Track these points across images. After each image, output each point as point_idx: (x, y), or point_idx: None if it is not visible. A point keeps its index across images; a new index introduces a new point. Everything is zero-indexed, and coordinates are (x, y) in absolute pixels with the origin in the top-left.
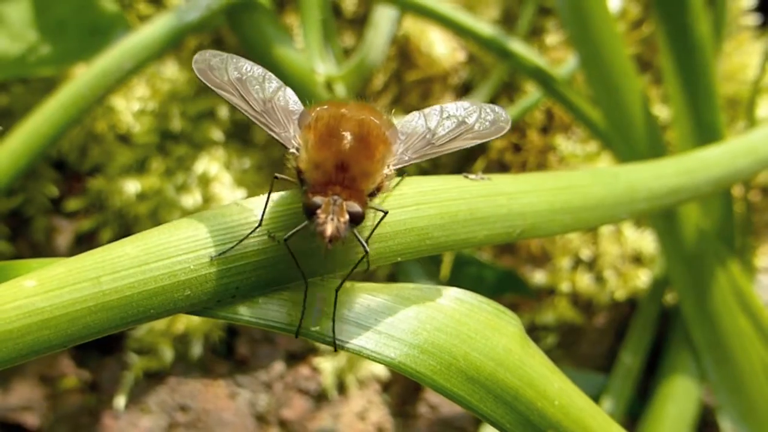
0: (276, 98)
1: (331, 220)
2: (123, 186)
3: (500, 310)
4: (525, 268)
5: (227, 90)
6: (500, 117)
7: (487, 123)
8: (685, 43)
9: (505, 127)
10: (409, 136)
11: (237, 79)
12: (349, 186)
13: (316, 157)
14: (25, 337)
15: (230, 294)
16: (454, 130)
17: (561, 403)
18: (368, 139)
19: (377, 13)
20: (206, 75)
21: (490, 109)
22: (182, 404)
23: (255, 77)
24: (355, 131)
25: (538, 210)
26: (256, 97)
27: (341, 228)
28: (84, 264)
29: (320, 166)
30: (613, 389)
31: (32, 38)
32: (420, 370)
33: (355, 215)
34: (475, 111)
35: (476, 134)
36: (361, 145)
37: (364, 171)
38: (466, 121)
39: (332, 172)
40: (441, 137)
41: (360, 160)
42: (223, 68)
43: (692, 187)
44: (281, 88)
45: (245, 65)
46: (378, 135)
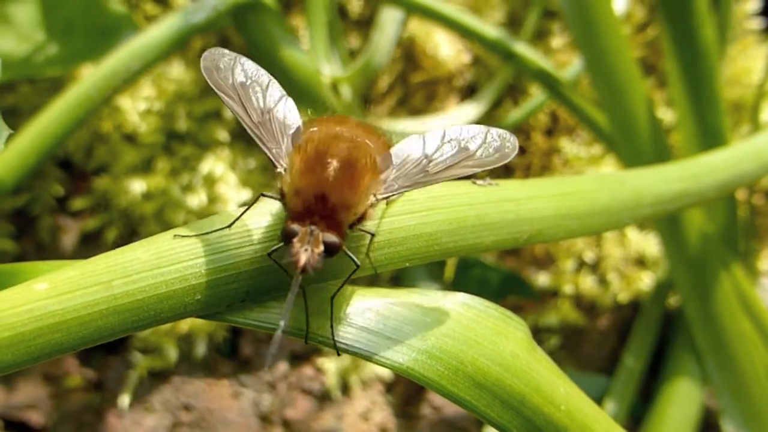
0: (276, 109)
1: (305, 250)
2: (128, 186)
3: (507, 315)
4: (529, 271)
5: (228, 94)
6: (506, 144)
7: (491, 150)
8: (690, 47)
9: (510, 154)
10: (404, 161)
11: (240, 84)
12: (328, 216)
13: (298, 184)
14: (36, 340)
15: (240, 298)
16: (454, 156)
17: (567, 408)
18: (354, 168)
19: (383, 15)
20: (211, 75)
21: (498, 134)
22: (186, 403)
23: (259, 83)
24: (342, 158)
25: (545, 215)
26: (255, 106)
27: (314, 259)
28: (96, 267)
29: (301, 193)
30: (616, 391)
31: (39, 38)
32: (427, 375)
33: (330, 246)
34: (480, 135)
35: (477, 162)
36: (345, 175)
37: (345, 203)
38: (468, 147)
39: (312, 200)
40: (437, 164)
41: (342, 191)
42: (229, 70)
43: (697, 191)
44: (283, 98)
45: (252, 69)
46: (366, 163)
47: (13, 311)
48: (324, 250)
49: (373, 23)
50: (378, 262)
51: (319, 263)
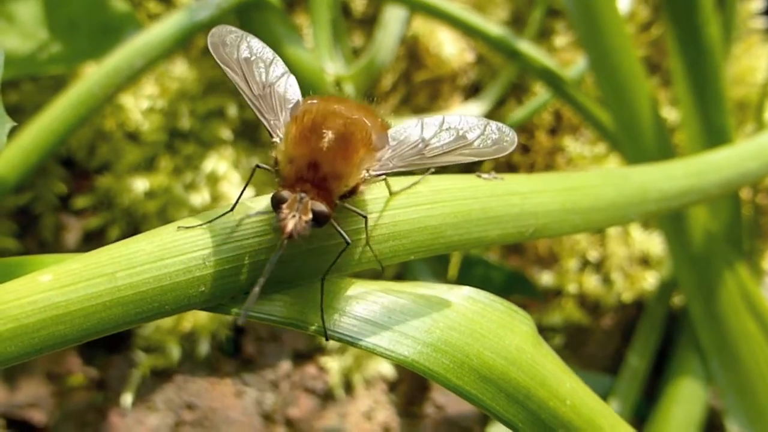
0: (277, 84)
1: (293, 216)
2: (131, 184)
3: (512, 309)
4: (532, 269)
5: (232, 68)
6: (505, 137)
7: (489, 141)
8: (695, 46)
9: (508, 147)
10: (401, 143)
11: (245, 59)
12: (318, 185)
13: (292, 152)
14: (40, 332)
15: (244, 290)
16: (451, 143)
17: (572, 403)
18: (349, 141)
19: (387, 14)
20: (217, 50)
21: (497, 127)
22: (189, 402)
23: (263, 59)
24: (337, 130)
25: (550, 210)
26: (257, 80)
27: (302, 226)
28: (99, 260)
29: (294, 161)
30: (620, 391)
31: (43, 37)
32: (433, 368)
33: (318, 215)
34: (479, 127)
35: (474, 151)
36: (339, 146)
37: (337, 172)
38: (466, 136)
39: (304, 168)
40: (434, 148)
41: (334, 161)
42: (235, 46)
43: (701, 189)
44: (285, 74)
45: (257, 45)
46: (361, 138)
47: (17, 303)
48: (312, 219)
49: (377, 21)
50: (382, 254)
51: (306, 230)
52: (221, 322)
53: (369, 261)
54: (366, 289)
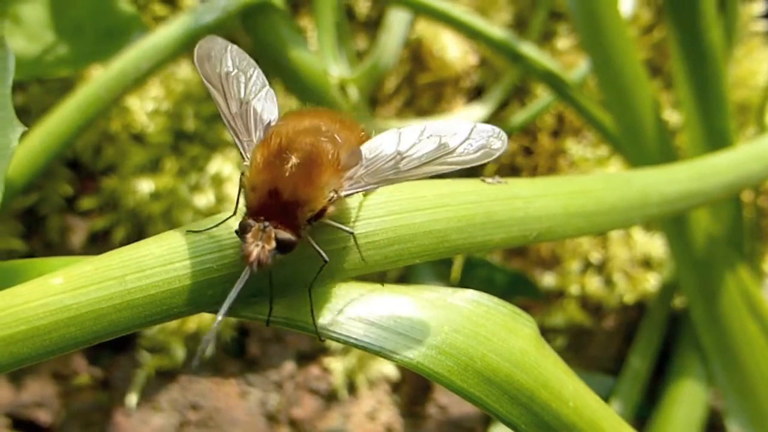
0: (255, 100)
1: (256, 246)
2: (136, 185)
3: (516, 312)
4: (535, 271)
5: (214, 84)
6: (492, 142)
7: (474, 146)
8: (696, 49)
9: (494, 153)
10: (376, 157)
11: (226, 74)
12: (282, 213)
13: (254, 180)
14: (51, 334)
15: (251, 293)
16: (431, 153)
17: (575, 405)
18: (314, 164)
19: (390, 17)
20: (202, 65)
21: (485, 130)
22: (193, 403)
23: (244, 72)
24: (302, 154)
25: (554, 213)
26: (235, 97)
27: (264, 255)
28: (110, 263)
29: (256, 189)
30: (622, 392)
31: (49, 39)
32: (437, 370)
33: (282, 243)
34: (464, 132)
35: (457, 159)
36: (302, 171)
37: (299, 199)
38: (448, 143)
39: (266, 196)
40: (411, 160)
41: (297, 187)
42: (218, 59)
43: (703, 192)
44: (264, 89)
45: (239, 58)
46: (328, 159)
47: (28, 305)
48: (276, 247)
49: (381, 24)
50: (387, 258)
51: (270, 259)
52: (226, 323)
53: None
54: (371, 292)
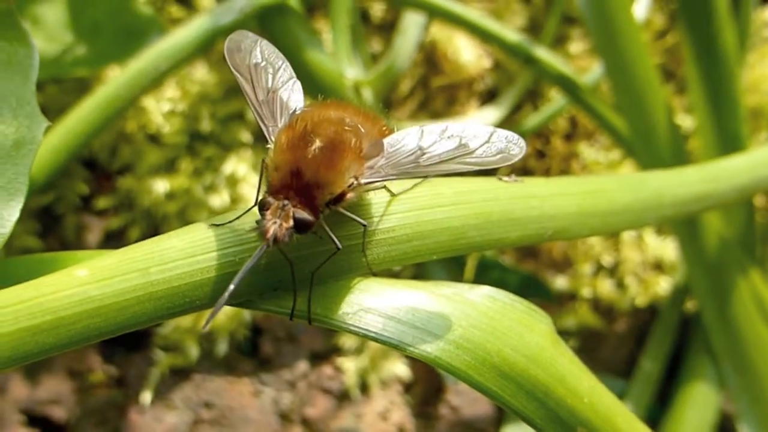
0: (282, 90)
1: (274, 223)
2: (152, 185)
3: (531, 308)
4: (547, 273)
5: (242, 73)
6: (511, 147)
7: (494, 150)
8: (710, 54)
9: (513, 157)
10: (397, 150)
11: (255, 65)
12: (302, 193)
13: (278, 159)
14: (76, 324)
15: (273, 287)
16: (451, 151)
17: (590, 401)
18: (336, 149)
19: (405, 20)
20: (231, 55)
21: (505, 136)
22: (207, 401)
23: (272, 65)
24: (325, 138)
25: (569, 213)
26: (263, 86)
27: (282, 233)
28: (134, 255)
29: (279, 168)
30: (633, 394)
31: (68, 39)
32: (455, 365)
33: (300, 222)
34: (485, 135)
35: (477, 160)
36: (324, 154)
37: (320, 180)
38: (468, 144)
39: (288, 176)
40: (431, 157)
41: (318, 169)
42: (248, 51)
43: (716, 195)
44: (291, 80)
45: (268, 51)
46: (350, 146)
47: (55, 296)
48: (294, 226)
49: (396, 27)
50: (406, 254)
51: (287, 237)
52: (239, 322)
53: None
54: (390, 287)
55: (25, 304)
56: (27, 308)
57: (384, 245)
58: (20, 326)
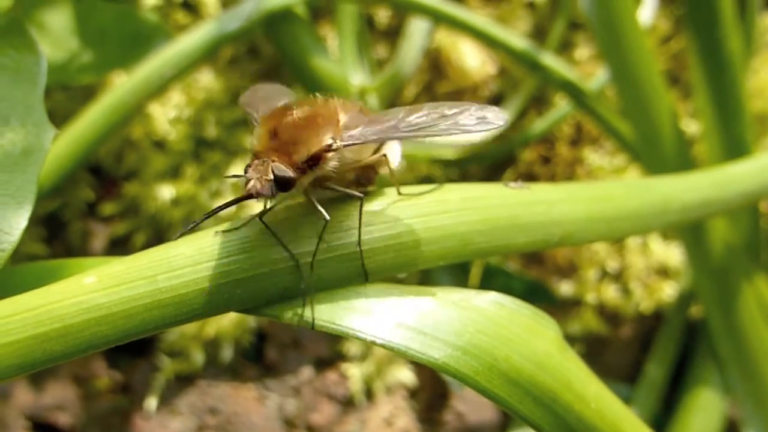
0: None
1: (255, 177)
2: (158, 191)
3: (539, 314)
4: (552, 279)
5: (252, 106)
6: (492, 116)
7: (473, 118)
8: (716, 59)
9: (493, 122)
10: (378, 122)
11: (263, 97)
12: (280, 151)
13: (259, 130)
14: (84, 332)
15: (279, 294)
16: (431, 120)
17: (597, 407)
18: (309, 114)
19: (411, 26)
20: (245, 98)
21: (486, 108)
22: (212, 407)
23: (279, 95)
24: (302, 110)
25: (576, 218)
26: (266, 107)
27: (261, 184)
28: (141, 263)
29: (260, 136)
30: (638, 400)
31: (74, 46)
32: (462, 370)
33: (279, 176)
34: (465, 107)
35: (454, 124)
36: (299, 118)
37: (295, 137)
38: (446, 113)
39: (266, 138)
40: (410, 124)
41: (293, 128)
42: (257, 91)
43: (722, 200)
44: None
45: (279, 90)
46: (324, 113)
47: (63, 303)
48: (273, 179)
49: (401, 33)
50: (413, 260)
51: (268, 189)
52: (244, 328)
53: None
54: (396, 293)
55: (32, 312)
56: (35, 316)
57: (391, 251)
58: (28, 334)
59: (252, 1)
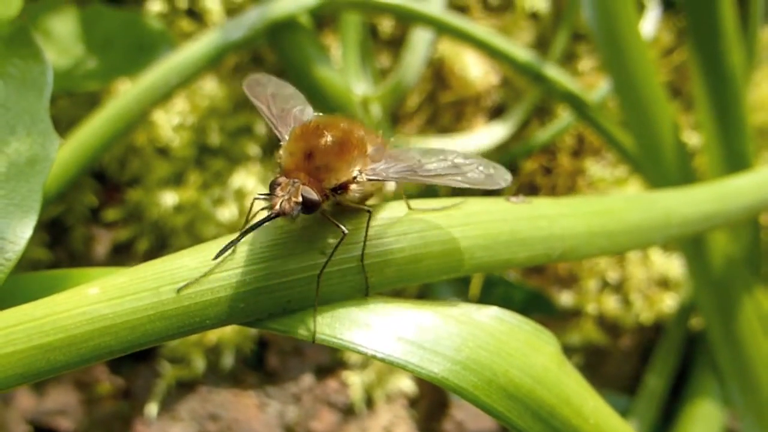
0: (295, 109)
1: (283, 197)
2: (160, 198)
3: (538, 329)
4: (552, 289)
5: (261, 100)
6: (500, 175)
7: (483, 175)
8: (718, 72)
9: (499, 182)
10: (396, 160)
11: (271, 94)
12: (312, 175)
13: (291, 147)
14: (88, 343)
15: (282, 307)
16: (444, 169)
17: (596, 422)
18: (344, 141)
19: (414, 36)
20: (251, 87)
21: (493, 166)
22: (213, 413)
23: (286, 94)
24: (335, 133)
25: (577, 233)
26: (278, 107)
27: (290, 206)
28: (145, 274)
29: (293, 154)
30: (638, 411)
31: (79, 53)
32: (462, 385)
33: (307, 200)
34: (477, 163)
35: (466, 179)
36: (333, 144)
37: (329, 165)
38: (460, 167)
39: (300, 159)
40: (427, 170)
41: (327, 155)
42: (265, 85)
43: (724, 213)
44: (303, 104)
45: (283, 86)
46: (356, 143)
47: (67, 314)
48: (301, 202)
49: (404, 43)
50: (416, 273)
51: (294, 211)
52: (246, 335)
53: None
54: (397, 307)
55: (37, 321)
56: (39, 326)
57: (394, 265)
58: (33, 344)
59: (256, 10)
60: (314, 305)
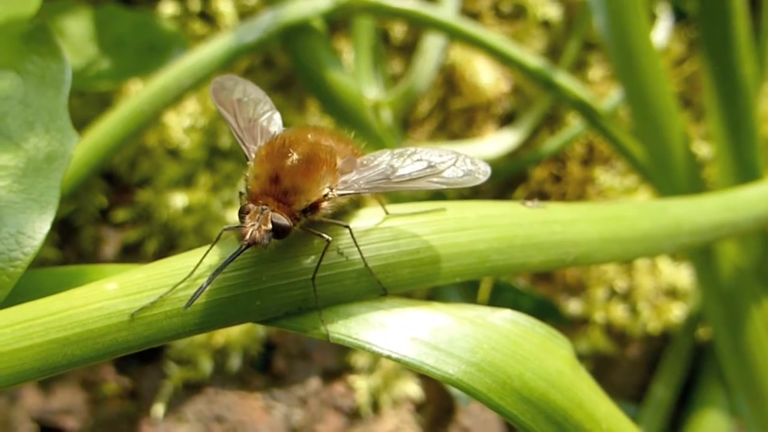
0: (262, 119)
1: (252, 226)
2: (170, 199)
3: (552, 333)
4: (560, 297)
5: (226, 108)
6: (478, 169)
7: (461, 172)
8: (729, 83)
9: (479, 178)
10: (369, 168)
11: (237, 100)
12: (280, 199)
13: (257, 169)
14: (104, 337)
15: (297, 306)
16: (419, 171)
17: (608, 427)
18: (311, 160)
19: (426, 42)
20: (216, 93)
21: (470, 160)
22: (219, 415)
23: (253, 100)
24: (301, 151)
25: (590, 239)
26: (245, 117)
27: (260, 235)
28: (162, 271)
29: (259, 177)
30: (644, 420)
31: (92, 53)
32: (476, 387)
33: (277, 226)
34: (451, 159)
35: (444, 180)
36: (302, 164)
37: (297, 187)
38: (436, 166)
39: (266, 183)
40: (401, 175)
41: (295, 177)
42: (231, 90)
43: (734, 223)
44: (270, 111)
45: (250, 89)
46: (324, 159)
47: (85, 308)
48: (272, 229)
49: (416, 49)
50: (429, 276)
51: (265, 239)
52: (253, 337)
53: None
54: (411, 308)
55: (54, 316)
56: (56, 320)
57: (408, 266)
58: (50, 338)
59: (270, 14)
60: (328, 305)
